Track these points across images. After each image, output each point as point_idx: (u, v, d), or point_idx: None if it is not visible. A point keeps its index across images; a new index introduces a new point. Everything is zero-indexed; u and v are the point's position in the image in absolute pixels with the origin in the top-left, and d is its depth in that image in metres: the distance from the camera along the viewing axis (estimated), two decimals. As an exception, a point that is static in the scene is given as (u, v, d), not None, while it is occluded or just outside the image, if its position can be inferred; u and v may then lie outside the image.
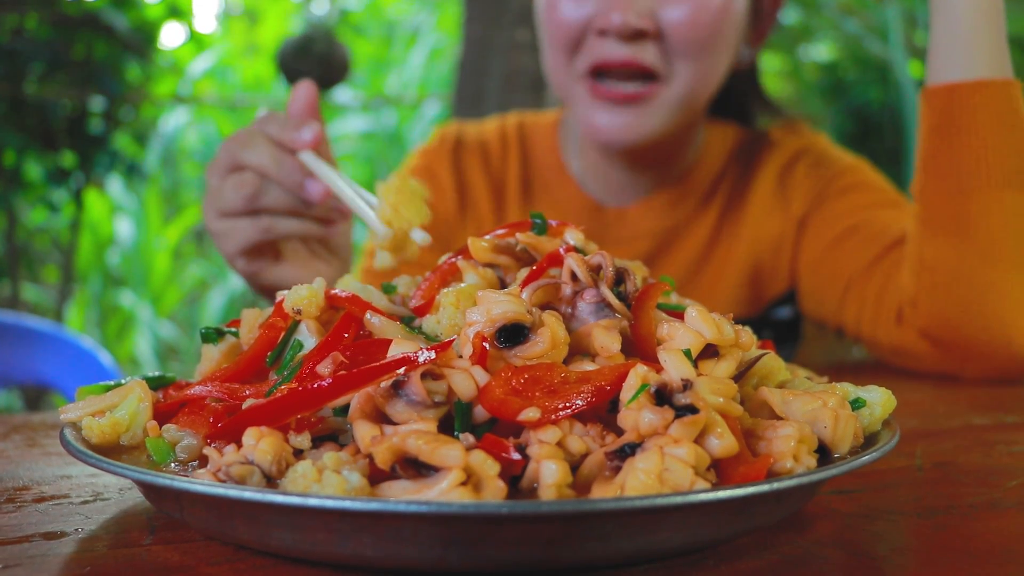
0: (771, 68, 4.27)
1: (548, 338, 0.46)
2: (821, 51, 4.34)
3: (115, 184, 4.50)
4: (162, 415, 0.52)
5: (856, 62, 4.03)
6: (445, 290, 0.52)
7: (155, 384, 0.56)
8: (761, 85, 1.33)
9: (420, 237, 0.72)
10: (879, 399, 0.52)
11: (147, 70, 3.86)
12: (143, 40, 3.70)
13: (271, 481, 0.43)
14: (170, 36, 4.31)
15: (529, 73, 2.60)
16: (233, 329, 0.58)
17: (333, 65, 4.04)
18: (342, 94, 4.83)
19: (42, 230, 4.20)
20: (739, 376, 0.51)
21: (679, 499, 0.38)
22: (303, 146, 0.85)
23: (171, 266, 4.78)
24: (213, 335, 0.57)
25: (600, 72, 1.09)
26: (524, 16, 2.60)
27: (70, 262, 3.92)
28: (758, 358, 0.52)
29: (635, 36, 1.06)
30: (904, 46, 3.34)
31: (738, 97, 1.32)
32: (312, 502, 0.38)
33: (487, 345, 0.46)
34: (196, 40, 4.38)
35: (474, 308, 0.47)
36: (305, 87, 0.90)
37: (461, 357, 0.47)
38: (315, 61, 3.99)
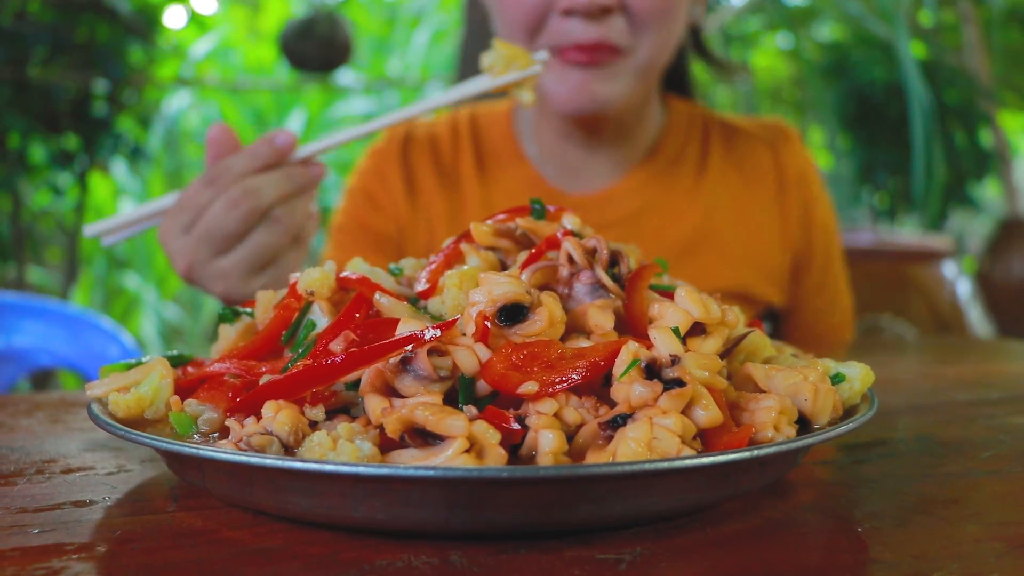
0: (773, 48, 4.27)
1: (546, 317, 0.49)
2: (825, 31, 4.33)
3: (119, 167, 4.52)
4: (183, 391, 0.55)
5: (860, 42, 4.02)
6: (448, 272, 0.55)
7: (175, 362, 0.59)
8: (705, 43, 1.34)
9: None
10: (858, 374, 0.55)
11: (150, 53, 3.87)
12: (146, 23, 3.72)
13: (289, 450, 0.46)
14: (172, 19, 4.30)
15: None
16: (249, 310, 0.61)
17: (335, 47, 4.05)
18: (344, 76, 4.84)
19: (46, 212, 4.23)
20: (726, 352, 0.54)
21: (665, 465, 0.41)
22: (289, 149, 0.82)
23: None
24: (230, 315, 0.61)
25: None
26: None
27: (75, 244, 3.94)
28: (744, 335, 0.55)
29: (601, 13, 1.04)
30: (908, 26, 3.34)
31: (677, 64, 1.33)
32: (328, 468, 0.41)
33: (489, 324, 0.49)
34: (198, 22, 4.39)
35: (477, 289, 0.50)
36: (215, 131, 0.85)
37: (464, 335, 0.50)
38: (317, 43, 4.00)
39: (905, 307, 3.05)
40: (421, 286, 0.56)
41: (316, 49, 4.00)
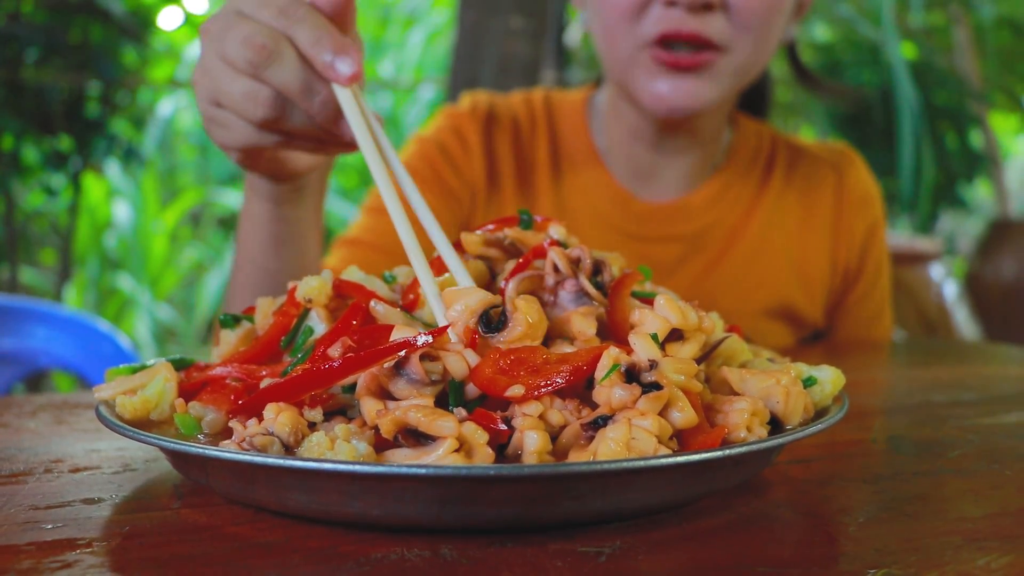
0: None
1: (524, 320, 0.51)
2: (816, 32, 4.36)
3: (112, 168, 4.54)
4: (186, 393, 0.58)
5: (850, 44, 4.05)
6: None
7: (177, 365, 0.62)
8: (800, 59, 1.34)
9: None
10: (829, 377, 0.58)
11: (143, 54, 3.88)
12: (139, 24, 3.73)
13: (289, 450, 0.49)
14: (166, 20, 4.31)
15: (522, 60, 2.65)
16: (249, 316, 0.64)
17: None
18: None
19: (40, 214, 4.24)
20: (704, 357, 0.57)
21: (642, 463, 0.44)
22: (341, 81, 0.67)
23: (168, 249, 4.83)
24: (231, 321, 0.63)
25: (666, 42, 1.07)
26: (518, 4, 2.64)
27: (68, 245, 3.96)
28: (721, 341, 0.58)
29: (703, 8, 1.05)
30: (896, 28, 3.37)
31: (759, 83, 1.33)
32: (326, 466, 0.44)
33: (477, 336, 0.52)
34: (192, 24, 4.40)
35: (452, 306, 0.53)
36: None
37: (454, 341, 0.53)
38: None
39: (892, 309, 3.09)
40: (403, 301, 0.59)
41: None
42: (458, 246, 0.63)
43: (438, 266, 0.63)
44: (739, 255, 1.24)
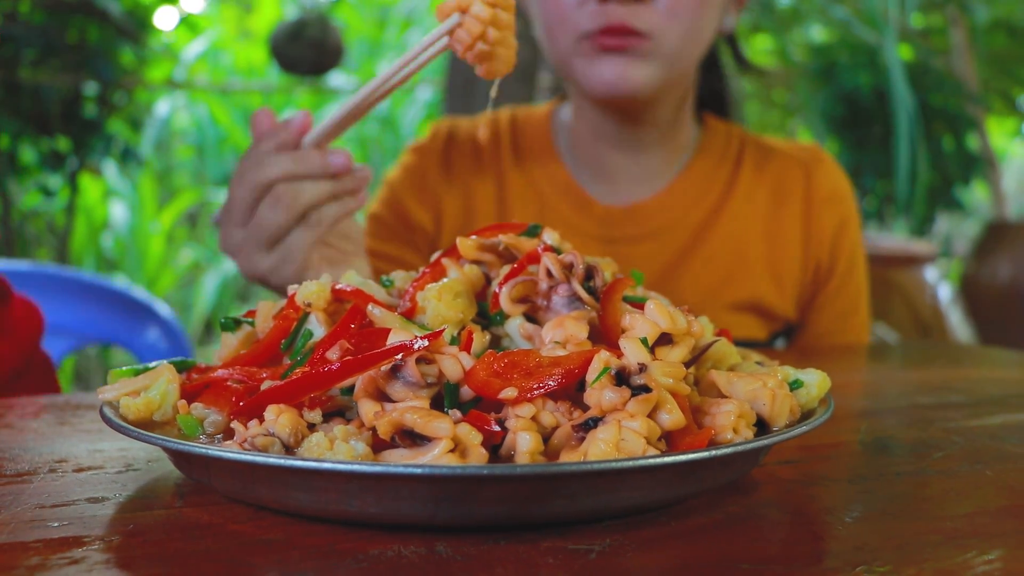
0: (761, 49, 4.32)
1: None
2: (814, 33, 4.37)
3: (109, 168, 4.55)
4: (188, 395, 0.59)
5: (847, 46, 4.07)
6: (429, 286, 0.59)
7: (179, 367, 0.63)
8: (742, 50, 1.39)
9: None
10: (815, 380, 0.60)
11: (141, 55, 3.89)
12: (137, 25, 3.74)
13: (289, 450, 0.50)
14: (163, 20, 4.32)
15: (520, 64, 2.65)
16: (249, 319, 0.65)
17: (326, 50, 4.08)
18: (335, 78, 4.87)
19: (37, 214, 4.25)
20: (693, 360, 0.58)
21: (631, 463, 0.46)
22: (303, 130, 0.86)
23: (165, 250, 4.84)
24: (231, 324, 0.65)
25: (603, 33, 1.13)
26: (516, 7, 2.65)
27: (65, 246, 3.97)
28: (710, 344, 0.60)
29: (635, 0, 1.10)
30: (894, 30, 3.39)
31: (717, 84, 1.38)
32: (326, 466, 0.45)
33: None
34: (189, 24, 4.41)
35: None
36: (258, 114, 0.91)
37: (449, 344, 0.54)
38: (308, 46, 4.03)
39: (887, 311, 3.11)
40: (403, 306, 0.60)
41: (307, 53, 4.02)
42: (454, 251, 0.65)
43: (437, 269, 0.64)
44: (707, 251, 1.26)
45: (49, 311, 1.03)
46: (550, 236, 0.65)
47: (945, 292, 3.34)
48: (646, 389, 0.50)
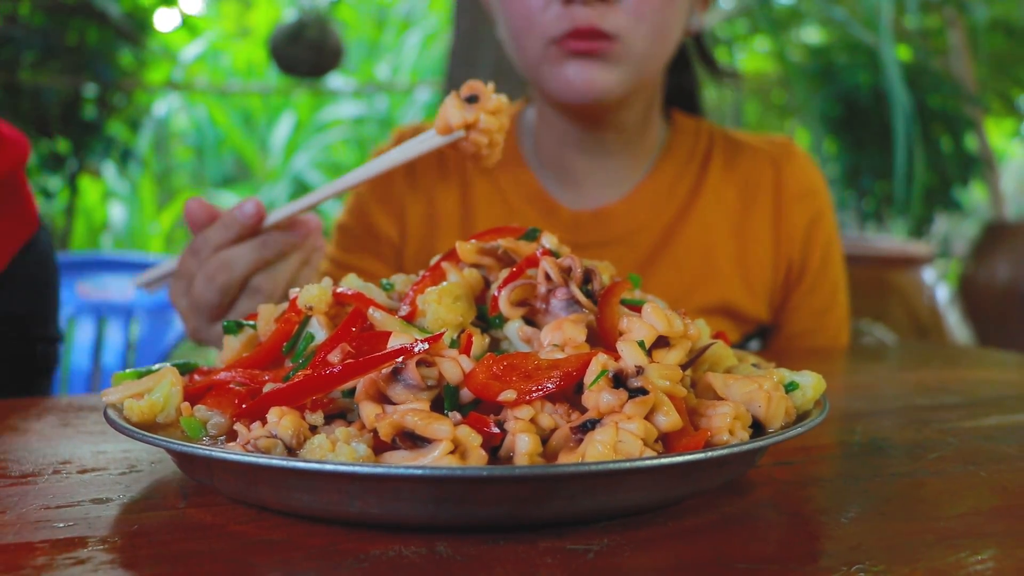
0: (760, 49, 4.32)
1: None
2: (812, 34, 4.38)
3: (109, 170, 4.55)
4: (191, 397, 0.60)
5: (845, 47, 4.07)
6: (429, 289, 0.60)
7: (182, 370, 0.64)
8: (709, 50, 1.37)
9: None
10: (811, 382, 0.61)
11: (140, 56, 3.90)
12: (136, 26, 3.75)
13: (291, 452, 0.51)
14: (163, 22, 4.33)
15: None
16: (251, 323, 0.66)
17: (325, 52, 4.09)
18: (334, 80, 4.88)
19: (36, 215, 4.25)
20: (689, 363, 0.59)
21: (628, 465, 0.46)
22: (257, 218, 0.84)
23: (164, 251, 4.85)
24: (234, 327, 0.66)
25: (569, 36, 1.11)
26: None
27: (64, 247, 3.98)
28: (707, 347, 0.61)
29: (600, 1, 1.09)
30: (892, 31, 3.39)
31: (685, 81, 1.37)
32: (327, 467, 0.46)
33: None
34: (188, 25, 4.42)
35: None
36: (191, 205, 0.88)
37: (449, 347, 0.55)
38: (307, 48, 4.04)
39: (885, 312, 3.11)
40: (403, 311, 0.61)
41: (306, 54, 4.03)
42: (453, 255, 0.65)
43: (437, 272, 0.65)
44: (675, 254, 1.25)
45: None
46: (548, 240, 0.66)
47: (943, 293, 3.35)
48: (643, 391, 0.50)
